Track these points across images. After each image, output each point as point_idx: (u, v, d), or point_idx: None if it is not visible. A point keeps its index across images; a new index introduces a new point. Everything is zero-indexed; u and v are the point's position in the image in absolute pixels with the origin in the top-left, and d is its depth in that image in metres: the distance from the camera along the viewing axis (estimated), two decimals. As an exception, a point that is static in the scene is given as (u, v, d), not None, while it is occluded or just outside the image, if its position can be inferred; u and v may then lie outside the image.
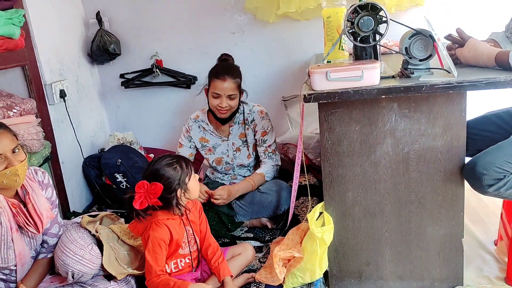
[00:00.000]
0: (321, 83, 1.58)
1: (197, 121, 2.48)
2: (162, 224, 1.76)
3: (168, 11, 3.10)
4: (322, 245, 1.78)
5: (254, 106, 2.46)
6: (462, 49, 1.74)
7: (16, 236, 1.69)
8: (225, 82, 2.25)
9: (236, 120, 2.44)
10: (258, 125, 2.42)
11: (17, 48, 2.20)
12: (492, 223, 2.29)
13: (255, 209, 2.35)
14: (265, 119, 2.43)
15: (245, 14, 3.03)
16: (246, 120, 2.44)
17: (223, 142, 2.46)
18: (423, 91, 1.53)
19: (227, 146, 2.46)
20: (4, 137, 1.58)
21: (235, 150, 2.46)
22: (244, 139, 2.46)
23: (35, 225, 1.71)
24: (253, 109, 2.44)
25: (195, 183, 1.82)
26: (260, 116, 2.43)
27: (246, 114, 2.44)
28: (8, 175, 1.58)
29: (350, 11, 1.68)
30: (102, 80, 3.29)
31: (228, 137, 2.46)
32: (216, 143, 2.46)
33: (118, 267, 1.86)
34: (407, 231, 1.81)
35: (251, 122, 2.43)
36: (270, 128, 2.44)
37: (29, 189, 1.71)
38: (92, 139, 3.11)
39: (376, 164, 1.75)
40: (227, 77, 2.26)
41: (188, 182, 1.78)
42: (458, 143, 1.69)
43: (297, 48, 3.05)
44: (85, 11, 3.11)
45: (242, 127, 2.45)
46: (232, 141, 2.46)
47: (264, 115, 2.43)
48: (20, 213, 1.67)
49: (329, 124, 1.72)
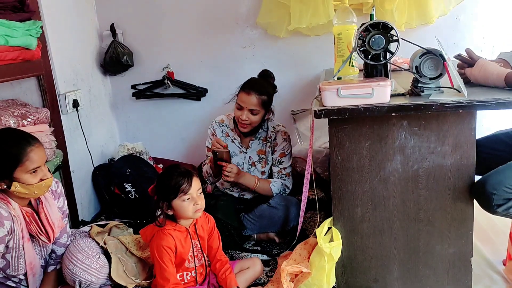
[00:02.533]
0: (332, 99, 1.60)
1: (221, 125, 2.50)
2: (168, 234, 1.78)
3: (181, 25, 3.14)
4: (330, 260, 1.78)
5: (278, 126, 2.48)
6: (472, 68, 1.75)
7: (28, 245, 1.71)
8: (249, 96, 2.28)
9: (258, 135, 2.46)
10: (279, 146, 2.44)
11: (34, 58, 2.24)
12: (501, 243, 2.27)
13: (264, 224, 2.36)
14: (286, 141, 2.45)
15: (256, 28, 3.07)
16: (269, 138, 2.46)
17: (240, 153, 2.48)
18: (433, 109, 1.54)
19: (243, 159, 2.48)
20: (41, 151, 1.65)
21: (250, 164, 2.48)
22: (262, 156, 2.47)
23: (47, 234, 1.74)
24: (277, 128, 2.46)
25: (183, 204, 1.76)
26: (283, 137, 2.44)
27: (270, 132, 2.46)
28: (42, 187, 1.65)
29: (361, 29, 1.70)
30: (114, 91, 3.33)
31: (247, 150, 2.47)
32: (234, 152, 2.47)
33: (127, 279, 1.87)
34: (415, 249, 1.81)
35: (273, 141, 2.45)
36: (289, 151, 2.46)
37: (42, 198, 1.74)
38: (103, 148, 3.14)
39: (385, 181, 1.75)
40: (252, 91, 2.28)
41: (173, 200, 1.76)
42: (467, 162, 1.69)
43: (307, 63, 3.08)
44: (100, 23, 3.17)
45: (263, 144, 2.47)
46: (249, 155, 2.47)
47: (286, 137, 2.45)
48: (33, 222, 1.70)
49: (339, 140, 1.73)
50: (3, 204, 1.63)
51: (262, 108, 2.30)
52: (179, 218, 1.81)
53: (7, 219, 1.61)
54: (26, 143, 1.61)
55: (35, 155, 1.61)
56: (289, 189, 2.45)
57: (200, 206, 1.78)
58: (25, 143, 1.61)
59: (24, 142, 1.61)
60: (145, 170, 2.95)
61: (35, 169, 1.61)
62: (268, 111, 2.37)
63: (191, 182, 1.76)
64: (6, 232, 1.60)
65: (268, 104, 2.33)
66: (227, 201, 2.44)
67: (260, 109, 2.30)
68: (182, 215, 1.79)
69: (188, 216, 1.79)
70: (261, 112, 2.31)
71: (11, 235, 1.64)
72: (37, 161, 1.62)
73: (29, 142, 1.62)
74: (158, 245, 1.76)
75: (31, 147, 1.61)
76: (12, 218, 1.63)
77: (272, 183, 2.40)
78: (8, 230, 1.61)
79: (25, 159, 1.58)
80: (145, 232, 1.86)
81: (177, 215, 1.80)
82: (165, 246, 1.75)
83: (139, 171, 2.91)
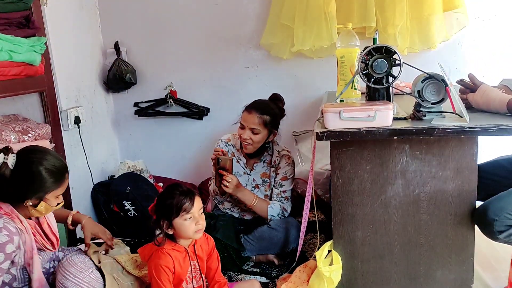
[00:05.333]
0: (334, 121, 1.60)
1: (228, 144, 2.50)
2: (166, 253, 1.76)
3: (185, 44, 3.17)
4: (330, 284, 1.76)
5: (283, 150, 2.48)
6: (474, 94, 1.76)
7: (36, 258, 1.72)
8: (250, 114, 2.29)
9: (263, 158, 2.46)
10: (281, 169, 2.44)
11: (37, 74, 2.25)
12: (502, 270, 2.24)
13: (263, 245, 2.33)
14: (290, 165, 2.44)
15: (259, 50, 3.10)
16: (274, 163, 2.46)
17: (244, 174, 2.47)
18: (435, 134, 1.55)
19: (246, 180, 2.46)
20: (67, 180, 1.74)
21: (254, 187, 2.47)
22: (266, 180, 2.47)
23: (51, 242, 1.81)
24: (281, 153, 2.46)
25: (184, 223, 1.74)
26: (286, 161, 2.44)
27: (274, 157, 2.46)
28: (57, 208, 1.77)
29: (364, 53, 1.71)
30: (116, 108, 3.35)
31: (251, 172, 2.47)
32: (238, 173, 2.45)
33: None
34: (416, 274, 1.79)
35: (277, 165, 2.44)
36: (291, 176, 2.45)
37: None
38: (103, 165, 3.14)
39: (387, 205, 1.74)
40: (254, 111, 2.29)
41: (175, 219, 1.74)
42: (469, 187, 1.69)
43: (310, 85, 3.10)
44: (104, 41, 3.20)
45: (267, 168, 2.47)
46: (253, 177, 2.47)
47: (290, 162, 2.45)
48: (37, 233, 1.74)
49: (341, 163, 1.73)
50: (10, 220, 1.64)
51: (264, 127, 2.30)
52: (178, 238, 1.79)
53: (16, 234, 1.62)
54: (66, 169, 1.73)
55: (67, 181, 1.74)
56: (287, 212, 2.43)
57: (201, 226, 1.77)
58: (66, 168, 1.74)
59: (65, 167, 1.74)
60: (145, 188, 2.94)
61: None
62: (271, 132, 2.36)
63: (193, 201, 1.75)
64: (14, 248, 1.61)
65: (271, 124, 2.33)
66: (227, 221, 2.42)
67: (262, 129, 2.30)
68: (183, 235, 1.77)
69: (188, 236, 1.77)
70: (262, 132, 2.31)
71: (17, 250, 1.65)
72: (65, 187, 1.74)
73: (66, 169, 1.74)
74: (156, 264, 1.74)
75: (67, 173, 1.73)
76: (19, 233, 1.64)
77: (271, 205, 2.38)
78: (16, 245, 1.62)
79: (62, 185, 1.71)
80: (143, 251, 1.84)
81: (177, 235, 1.78)
82: (164, 266, 1.73)
83: (139, 189, 2.90)
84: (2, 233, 1.58)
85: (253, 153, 2.40)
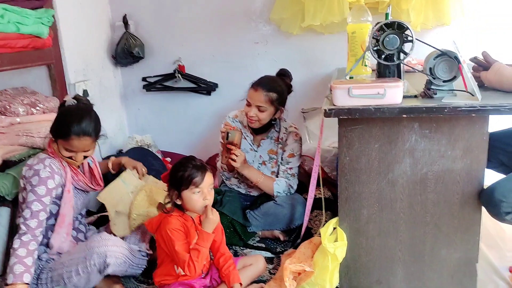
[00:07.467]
0: (343, 98, 1.58)
1: (235, 120, 2.49)
2: (175, 218, 1.79)
3: (194, 19, 3.14)
4: (334, 260, 1.77)
5: (291, 127, 2.46)
6: (487, 72, 1.72)
7: (67, 195, 1.89)
8: (256, 92, 2.27)
9: (270, 135, 2.45)
10: (289, 146, 2.42)
11: (44, 47, 2.25)
12: (508, 249, 2.24)
13: (269, 221, 2.35)
14: (297, 142, 2.43)
15: (269, 25, 3.06)
16: (281, 139, 2.44)
17: (251, 151, 2.46)
18: (445, 112, 1.52)
19: (253, 157, 2.46)
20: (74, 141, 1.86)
21: (261, 163, 2.46)
22: (273, 156, 2.46)
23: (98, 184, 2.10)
24: (289, 130, 2.44)
25: (192, 196, 1.76)
26: (294, 138, 2.42)
27: (282, 133, 2.44)
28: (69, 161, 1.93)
29: (376, 28, 1.67)
30: (124, 82, 3.34)
31: (258, 149, 2.46)
32: (245, 149, 2.43)
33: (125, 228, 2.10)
34: (420, 252, 1.79)
35: (285, 142, 2.43)
36: (298, 152, 2.43)
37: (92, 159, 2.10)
38: (111, 140, 3.15)
39: (393, 183, 1.73)
40: (260, 88, 2.27)
41: (184, 191, 1.77)
42: (478, 167, 1.67)
43: (320, 61, 3.06)
44: (112, 14, 3.18)
45: (274, 144, 2.45)
46: (260, 153, 2.46)
47: (297, 139, 2.43)
48: (89, 175, 2.07)
49: (349, 140, 1.72)
50: (55, 161, 1.88)
51: (270, 105, 2.28)
52: (186, 210, 1.82)
53: (57, 173, 1.86)
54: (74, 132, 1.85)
55: (75, 143, 1.85)
56: (293, 189, 2.43)
57: (208, 201, 1.78)
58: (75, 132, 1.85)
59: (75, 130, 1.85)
60: (153, 163, 2.95)
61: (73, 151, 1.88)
62: (278, 109, 2.34)
63: (204, 176, 1.77)
64: (54, 185, 1.83)
65: (277, 102, 2.30)
66: (233, 197, 2.43)
67: (268, 106, 2.28)
68: (190, 208, 1.80)
69: (194, 209, 1.80)
70: (269, 109, 2.29)
71: (57, 188, 1.87)
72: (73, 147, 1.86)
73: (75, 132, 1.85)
74: (166, 230, 1.76)
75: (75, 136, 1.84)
76: (60, 172, 1.88)
77: (276, 182, 2.38)
78: (56, 183, 1.85)
79: (68, 140, 1.83)
80: (151, 222, 1.87)
81: (185, 206, 1.81)
82: (175, 228, 1.76)
83: (148, 164, 2.88)
84: (46, 169, 1.82)
85: (259, 129, 2.39)
